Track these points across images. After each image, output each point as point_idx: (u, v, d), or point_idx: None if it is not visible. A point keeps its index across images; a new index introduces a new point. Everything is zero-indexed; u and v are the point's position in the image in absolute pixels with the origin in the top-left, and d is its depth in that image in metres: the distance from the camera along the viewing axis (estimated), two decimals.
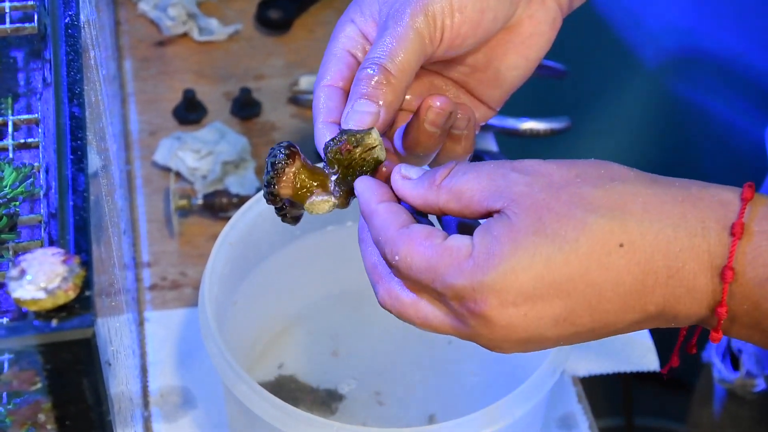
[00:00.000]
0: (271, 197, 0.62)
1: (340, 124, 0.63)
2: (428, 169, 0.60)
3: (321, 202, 0.61)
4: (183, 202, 1.03)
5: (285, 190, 0.61)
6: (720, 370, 0.98)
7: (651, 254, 0.52)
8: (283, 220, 0.64)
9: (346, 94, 0.64)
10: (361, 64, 0.63)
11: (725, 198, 0.53)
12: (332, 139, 0.61)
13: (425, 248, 0.55)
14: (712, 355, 0.99)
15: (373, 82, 0.61)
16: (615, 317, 0.54)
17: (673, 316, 0.54)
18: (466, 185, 0.56)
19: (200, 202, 1.03)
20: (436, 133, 0.63)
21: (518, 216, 0.54)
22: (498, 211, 0.55)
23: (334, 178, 0.61)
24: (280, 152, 0.61)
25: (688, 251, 0.52)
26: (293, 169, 0.61)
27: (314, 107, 0.65)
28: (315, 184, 0.61)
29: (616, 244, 0.52)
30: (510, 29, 0.66)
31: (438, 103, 0.62)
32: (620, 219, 0.52)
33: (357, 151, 0.60)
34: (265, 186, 0.62)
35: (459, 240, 0.55)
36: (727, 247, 0.52)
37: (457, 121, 0.64)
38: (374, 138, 0.60)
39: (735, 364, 0.97)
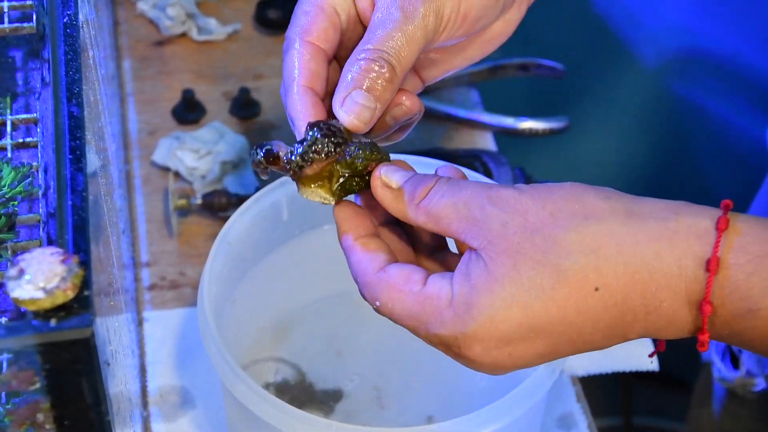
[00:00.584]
0: (291, 165, 0.60)
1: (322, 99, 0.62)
2: (407, 174, 0.59)
3: (318, 196, 0.61)
4: (182, 202, 1.03)
5: (310, 171, 0.60)
6: (720, 369, 0.98)
7: (627, 295, 0.53)
8: (258, 174, 0.62)
9: (326, 59, 0.63)
10: (360, 43, 0.61)
11: (701, 229, 0.52)
12: (355, 145, 0.60)
13: (405, 296, 0.56)
14: (712, 354, 0.99)
15: (381, 81, 0.60)
16: (598, 345, 0.55)
17: (656, 336, 0.55)
18: (443, 212, 0.56)
19: (199, 201, 1.03)
20: (391, 125, 0.63)
21: (494, 262, 0.54)
22: (475, 250, 0.55)
23: (341, 180, 0.61)
24: (355, 147, 0.59)
25: (665, 290, 0.53)
26: (333, 160, 0.60)
27: (290, 72, 0.63)
28: (326, 178, 0.61)
29: (592, 288, 0.53)
30: (483, 29, 0.66)
31: (408, 104, 0.62)
32: (594, 263, 0.53)
33: (363, 163, 0.60)
34: (299, 154, 0.59)
35: (438, 287, 0.56)
36: (703, 283, 0.52)
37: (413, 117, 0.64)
38: (381, 154, 0.60)
39: (735, 363, 0.97)
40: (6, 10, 0.70)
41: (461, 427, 0.73)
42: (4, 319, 0.58)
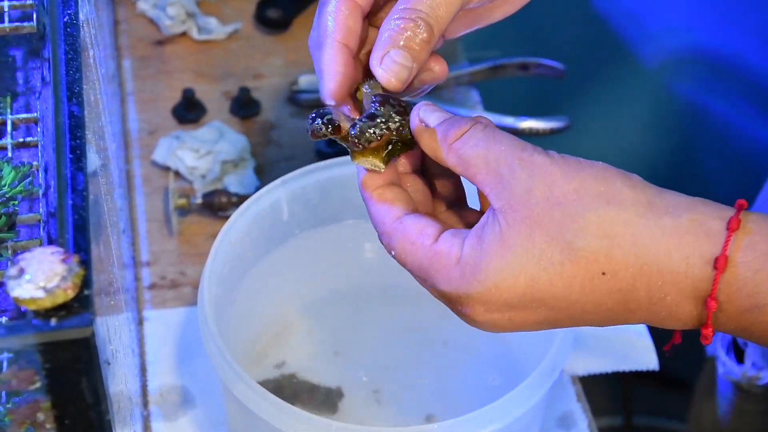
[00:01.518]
0: (361, 141, 0.59)
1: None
2: (444, 115, 0.59)
3: (370, 164, 0.60)
4: (182, 201, 1.03)
5: (374, 144, 0.59)
6: (725, 363, 0.98)
7: (633, 284, 0.54)
8: (317, 135, 0.60)
9: (362, 16, 0.62)
10: (398, 2, 0.61)
11: (712, 228, 0.53)
12: (400, 121, 0.60)
13: (416, 249, 0.57)
14: (717, 349, 0.99)
15: (418, 40, 0.60)
16: (597, 323, 0.56)
17: (658, 326, 0.56)
18: (474, 159, 0.57)
19: (199, 201, 1.03)
20: (418, 88, 0.63)
21: (511, 228, 0.55)
22: (494, 210, 0.56)
23: (389, 148, 0.60)
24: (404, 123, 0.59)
25: (671, 285, 0.54)
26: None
27: (325, 26, 0.62)
28: (381, 147, 0.60)
29: (600, 272, 0.54)
30: None
31: (437, 69, 0.63)
32: (607, 248, 0.54)
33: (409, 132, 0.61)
34: (372, 131, 0.59)
35: (448, 244, 0.57)
36: (710, 280, 0.53)
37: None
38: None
39: (740, 358, 0.97)
40: (6, 9, 0.70)
41: (461, 426, 0.73)
42: (4, 319, 0.58)
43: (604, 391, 1.39)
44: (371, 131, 0.59)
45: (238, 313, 0.88)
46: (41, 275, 0.50)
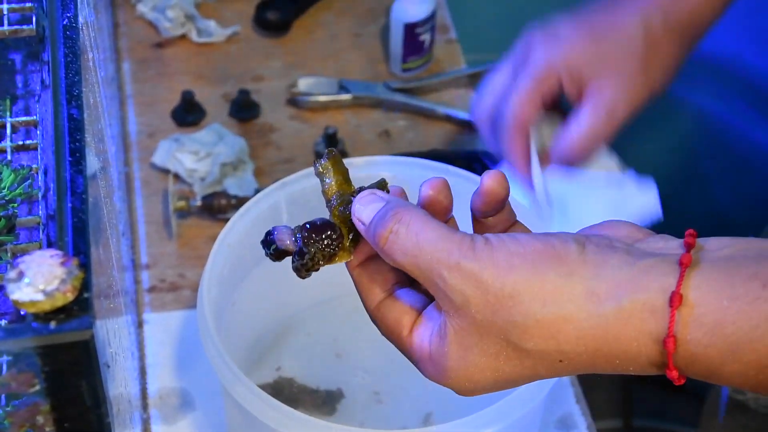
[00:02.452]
0: (301, 276, 0.61)
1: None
2: (377, 207, 0.59)
3: (341, 261, 0.62)
4: (181, 204, 1.03)
5: (317, 268, 0.61)
6: None
7: (593, 363, 0.56)
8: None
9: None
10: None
11: (656, 307, 0.53)
12: (330, 243, 0.60)
13: (395, 338, 0.61)
14: None
15: None
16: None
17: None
18: (408, 267, 0.57)
19: (199, 203, 1.03)
20: None
21: (463, 330, 0.56)
22: (444, 313, 0.57)
23: (350, 236, 0.61)
24: (332, 237, 0.60)
25: (629, 361, 0.55)
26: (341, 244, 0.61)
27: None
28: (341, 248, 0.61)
29: (557, 360, 0.56)
30: None
31: None
32: (555, 347, 0.55)
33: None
34: (306, 267, 0.61)
35: (420, 338, 0.59)
36: (663, 356, 0.53)
37: None
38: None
39: None
40: (6, 12, 0.70)
41: (460, 428, 0.73)
42: (3, 322, 0.58)
43: (604, 394, 1.39)
44: (306, 269, 0.60)
45: (238, 316, 0.88)
46: (41, 278, 0.50)
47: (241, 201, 1.01)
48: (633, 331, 0.53)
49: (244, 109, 1.14)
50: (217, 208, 1.03)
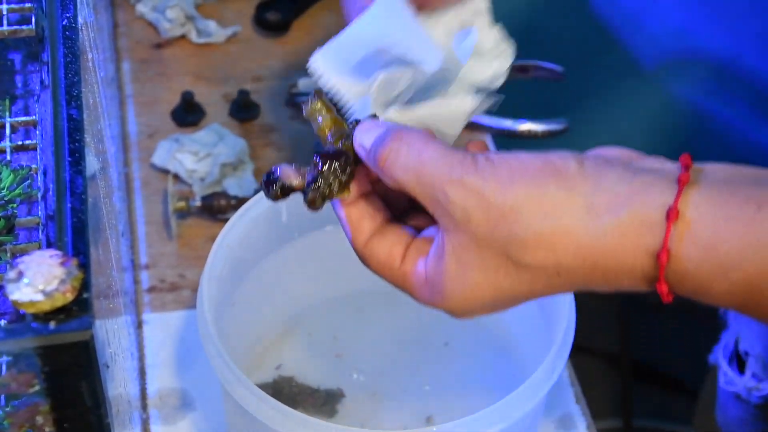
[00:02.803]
0: (312, 208, 0.61)
1: None
2: (378, 130, 0.59)
3: (338, 198, 0.62)
4: (181, 204, 1.03)
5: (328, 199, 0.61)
6: (726, 373, 0.98)
7: (589, 276, 0.56)
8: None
9: None
10: None
11: (653, 221, 0.54)
12: (343, 173, 0.61)
13: (387, 270, 0.61)
14: (719, 359, 0.99)
15: None
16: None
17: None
18: (408, 184, 0.58)
19: (198, 204, 1.03)
20: None
21: (461, 247, 0.57)
22: (442, 230, 0.57)
23: (347, 177, 0.61)
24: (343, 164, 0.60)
25: (624, 275, 0.56)
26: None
27: None
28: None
29: (555, 274, 0.56)
30: None
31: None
32: (553, 259, 0.56)
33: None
34: (319, 193, 0.60)
35: (414, 264, 0.60)
36: (657, 271, 0.54)
37: None
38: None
39: (741, 368, 0.97)
40: (5, 12, 0.70)
41: (461, 429, 0.73)
42: (3, 322, 0.58)
43: (604, 393, 1.39)
44: (320, 196, 0.60)
45: (238, 316, 0.88)
46: (40, 278, 0.50)
47: (240, 201, 1.01)
48: (630, 244, 0.54)
49: (244, 110, 1.14)
50: (217, 208, 1.03)
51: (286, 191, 0.62)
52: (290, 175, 0.62)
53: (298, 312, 0.97)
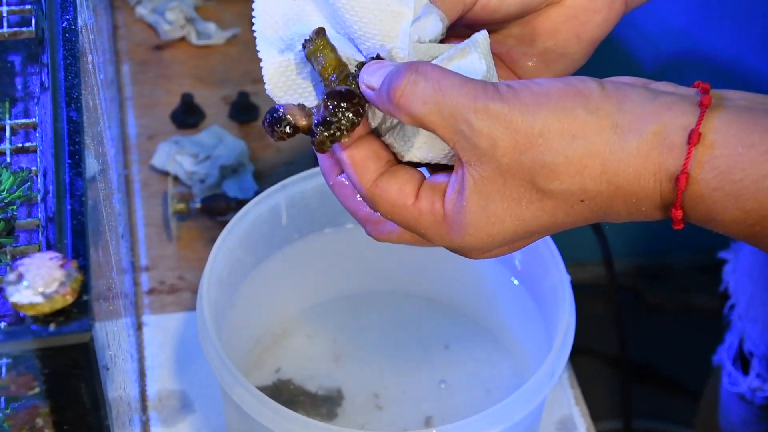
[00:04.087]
0: (320, 148, 0.58)
1: None
2: (386, 70, 0.57)
3: (340, 141, 0.59)
4: (181, 206, 1.03)
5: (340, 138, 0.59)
6: (730, 373, 0.97)
7: (611, 204, 0.56)
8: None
9: None
10: None
11: (675, 142, 0.54)
12: (353, 114, 0.58)
13: (400, 211, 0.58)
14: (723, 359, 0.99)
15: None
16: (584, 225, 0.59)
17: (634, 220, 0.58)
18: (428, 117, 0.55)
19: (198, 206, 1.03)
20: None
21: (484, 179, 0.55)
22: (463, 163, 0.56)
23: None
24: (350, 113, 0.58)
25: (644, 200, 0.56)
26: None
27: None
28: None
29: (578, 200, 0.56)
30: (559, 2, 0.63)
31: None
32: (579, 183, 0.55)
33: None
34: (328, 136, 0.58)
35: (430, 201, 0.57)
36: (674, 193, 0.54)
37: None
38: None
39: (745, 369, 0.97)
40: (5, 14, 0.70)
41: (461, 430, 0.73)
42: (3, 324, 0.58)
43: (604, 395, 1.39)
44: (330, 137, 0.58)
45: (237, 318, 0.88)
46: (40, 280, 0.50)
47: (240, 203, 1.01)
48: (652, 166, 0.54)
49: (243, 112, 1.14)
50: (217, 210, 1.03)
51: (292, 131, 0.59)
52: (296, 114, 0.59)
53: (298, 314, 0.97)
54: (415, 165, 0.61)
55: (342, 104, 0.57)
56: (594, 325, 1.29)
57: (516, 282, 0.89)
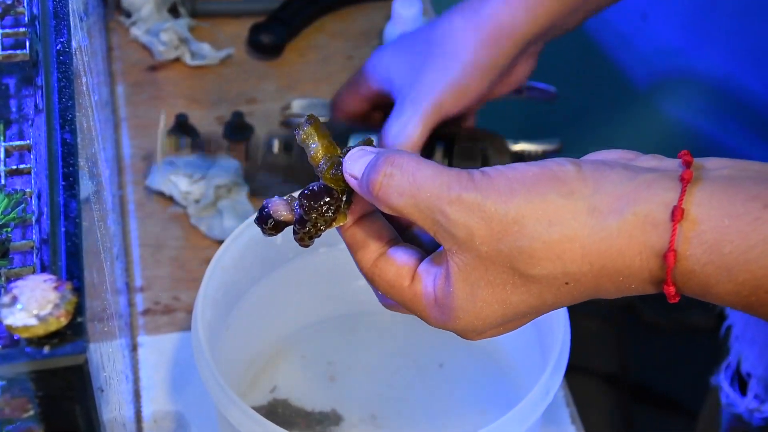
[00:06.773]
0: (303, 245, 0.60)
1: None
2: (368, 158, 0.58)
3: (337, 225, 0.61)
4: (172, 141, 1.01)
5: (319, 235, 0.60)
6: (728, 394, 0.97)
7: (598, 283, 0.55)
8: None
9: None
10: None
11: (658, 220, 0.53)
12: (330, 211, 0.60)
13: (396, 291, 0.59)
14: (721, 380, 0.99)
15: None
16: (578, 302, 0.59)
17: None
18: (405, 209, 0.56)
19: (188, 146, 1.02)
20: None
21: (467, 266, 0.56)
22: (446, 251, 0.57)
23: (344, 202, 0.60)
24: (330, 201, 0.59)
25: (632, 278, 0.55)
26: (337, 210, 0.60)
27: None
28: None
29: (563, 283, 0.56)
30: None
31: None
32: (561, 268, 0.55)
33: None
34: (305, 233, 0.60)
35: (423, 284, 0.59)
36: (664, 271, 0.54)
37: None
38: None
39: (743, 390, 0.96)
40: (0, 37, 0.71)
41: None
42: None
43: (602, 414, 1.39)
44: (309, 237, 0.59)
45: (232, 338, 0.88)
46: (34, 303, 0.50)
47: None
48: (636, 245, 0.54)
49: (238, 132, 1.14)
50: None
51: (279, 226, 0.61)
52: (280, 209, 0.60)
53: (293, 334, 0.97)
54: None
55: (314, 204, 0.59)
56: (592, 344, 1.29)
57: None
